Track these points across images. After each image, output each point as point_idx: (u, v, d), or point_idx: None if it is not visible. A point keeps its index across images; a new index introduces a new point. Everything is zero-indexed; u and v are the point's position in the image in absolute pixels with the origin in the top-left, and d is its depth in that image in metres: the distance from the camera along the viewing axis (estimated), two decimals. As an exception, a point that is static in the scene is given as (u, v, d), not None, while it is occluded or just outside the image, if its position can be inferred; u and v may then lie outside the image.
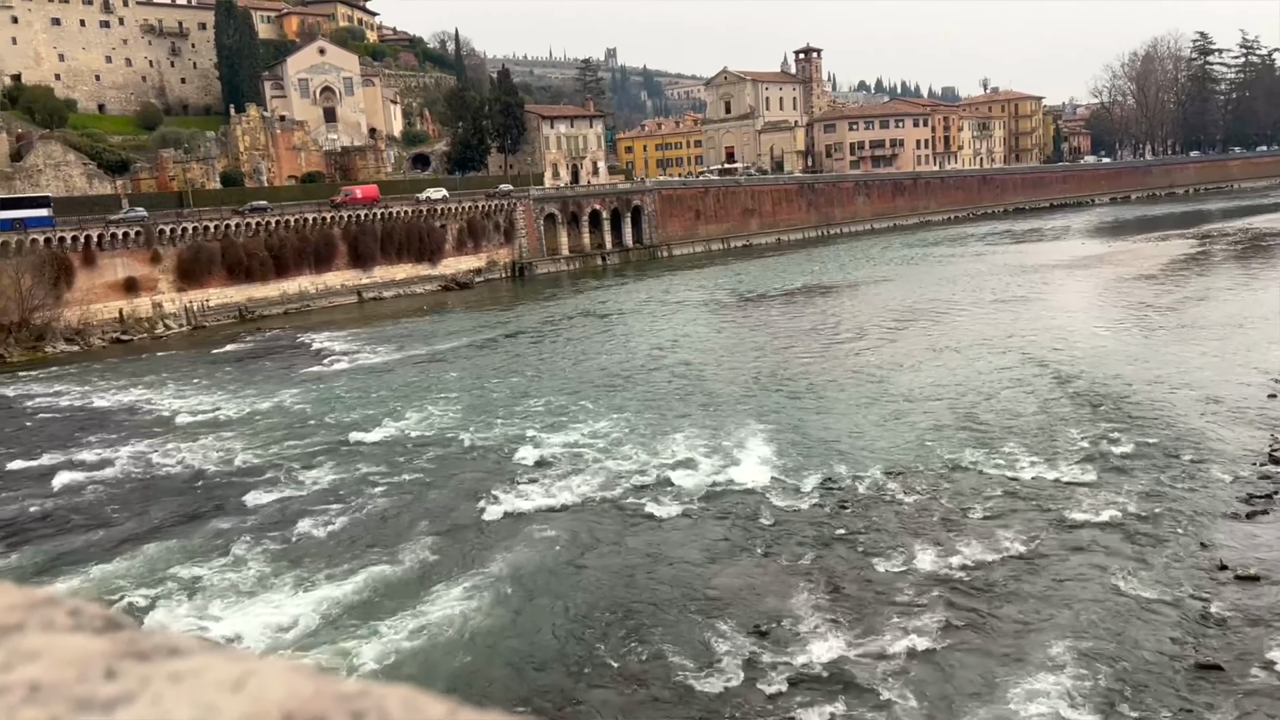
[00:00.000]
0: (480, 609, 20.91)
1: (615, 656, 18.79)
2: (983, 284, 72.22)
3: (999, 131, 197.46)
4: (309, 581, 22.85)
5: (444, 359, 53.20)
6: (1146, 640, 18.37)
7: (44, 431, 40.82)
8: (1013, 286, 69.56)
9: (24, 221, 65.90)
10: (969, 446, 30.58)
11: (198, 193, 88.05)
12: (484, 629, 20.14)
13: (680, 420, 35.96)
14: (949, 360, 44.62)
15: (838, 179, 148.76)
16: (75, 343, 65.19)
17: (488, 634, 19.97)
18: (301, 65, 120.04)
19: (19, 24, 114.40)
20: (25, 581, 23.18)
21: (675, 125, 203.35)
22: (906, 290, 71.41)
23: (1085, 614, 19.41)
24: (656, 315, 66.20)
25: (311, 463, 33.18)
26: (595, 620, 20.40)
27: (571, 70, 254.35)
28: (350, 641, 19.62)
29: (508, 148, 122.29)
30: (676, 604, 20.93)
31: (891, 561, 22.31)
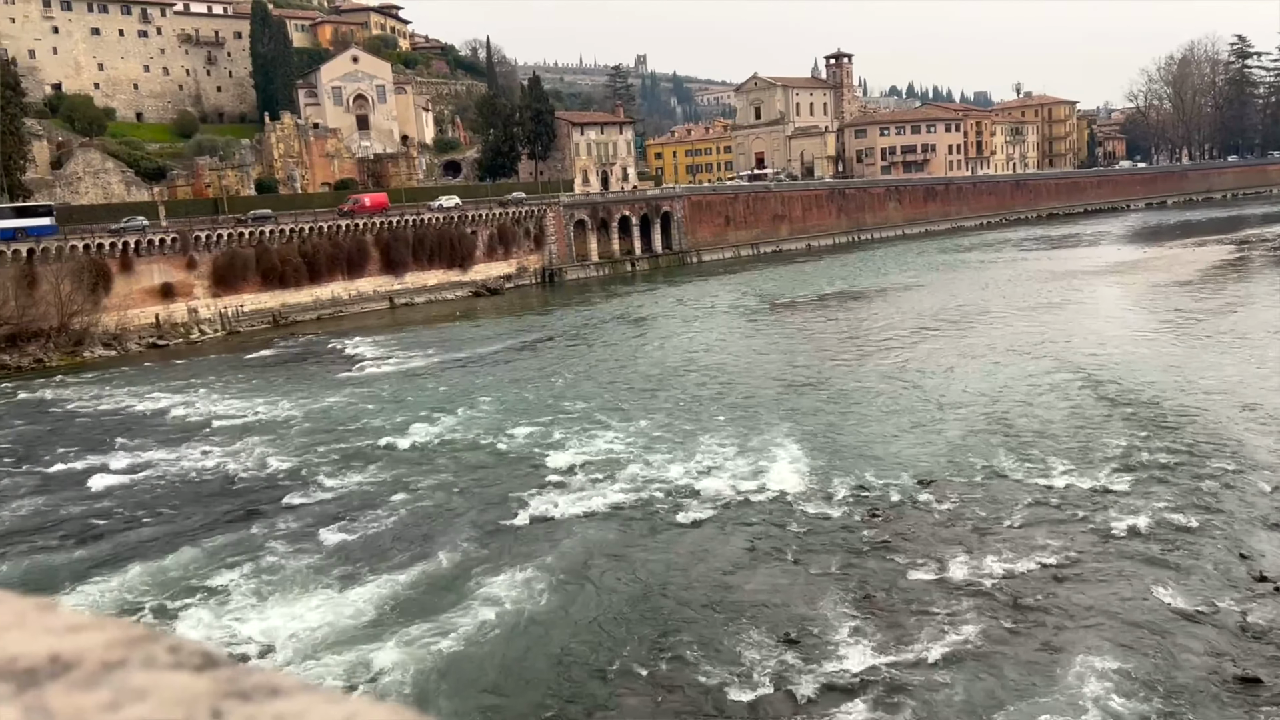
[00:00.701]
0: (510, 615, 20.95)
1: (645, 663, 18.76)
2: (1016, 290, 71.58)
3: (1032, 136, 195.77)
4: (340, 587, 23.00)
5: (474, 364, 53.46)
6: (1183, 652, 18.08)
7: (82, 435, 41.42)
8: (1046, 292, 68.88)
9: (27, 230, 65.66)
10: (1002, 454, 30.28)
11: (233, 200, 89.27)
12: (513, 635, 20.17)
13: (710, 426, 35.89)
14: (982, 366, 44.24)
15: (869, 184, 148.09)
16: (113, 348, 66.15)
17: (517, 640, 20.01)
18: (335, 73, 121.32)
19: (59, 34, 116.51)
20: (63, 585, 23.56)
21: (705, 131, 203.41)
22: (939, 296, 70.91)
23: (1120, 625, 19.14)
24: (686, 321, 66.16)
25: (344, 467, 33.43)
26: (625, 626, 20.38)
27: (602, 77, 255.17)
28: (379, 647, 19.71)
29: (538, 154, 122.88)
30: (706, 610, 20.86)
31: (923, 570, 22.12)
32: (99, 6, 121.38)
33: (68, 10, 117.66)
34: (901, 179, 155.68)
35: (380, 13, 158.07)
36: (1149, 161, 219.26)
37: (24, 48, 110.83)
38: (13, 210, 67.99)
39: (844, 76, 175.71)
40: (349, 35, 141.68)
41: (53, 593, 23.38)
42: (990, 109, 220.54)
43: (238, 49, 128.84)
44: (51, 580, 24.31)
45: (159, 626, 20.62)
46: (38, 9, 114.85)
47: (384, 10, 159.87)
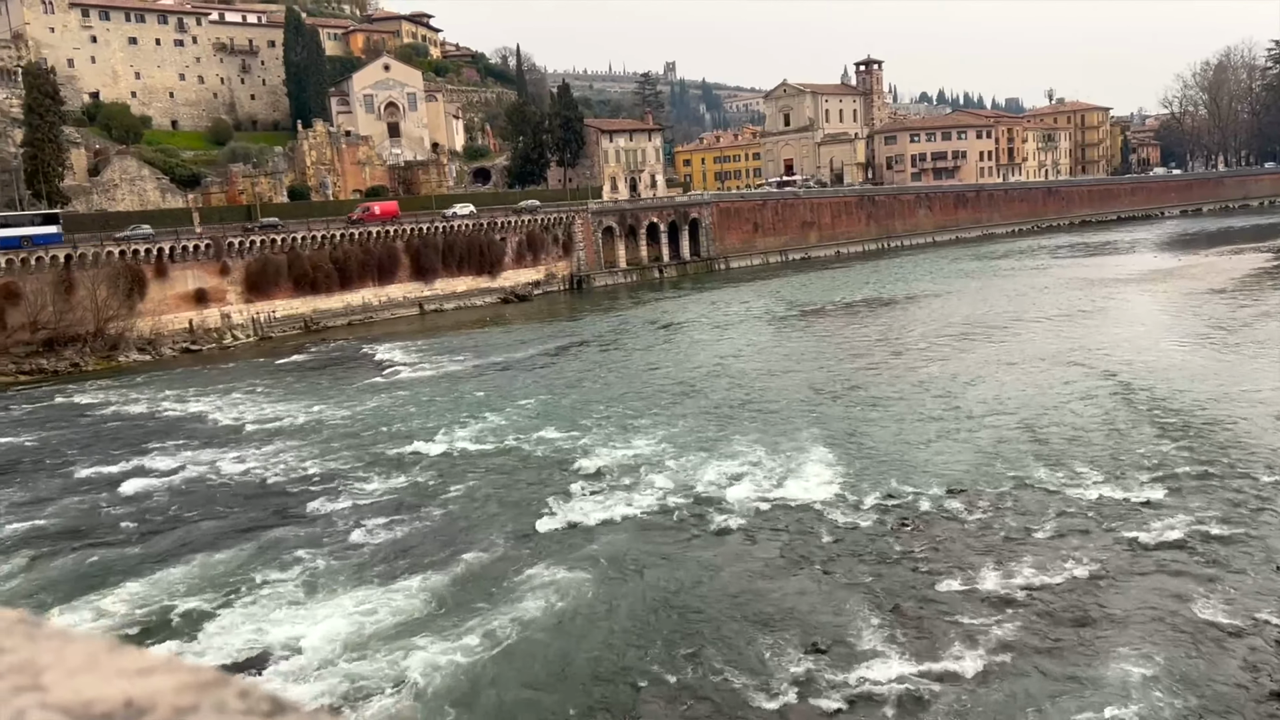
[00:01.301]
0: (538, 621, 20.99)
1: (672, 670, 18.73)
2: (1048, 298, 70.91)
3: (1064, 143, 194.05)
4: (369, 590, 23.14)
5: (503, 370, 53.67)
6: (1218, 665, 17.81)
7: (116, 438, 41.98)
8: (1079, 301, 68.18)
9: (32, 239, 65.04)
10: (1033, 464, 29.99)
11: (266, 206, 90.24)
12: (542, 640, 20.21)
13: (738, 433, 35.80)
14: (1013, 375, 43.85)
15: (898, 191, 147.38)
16: (147, 352, 67.02)
17: (546, 645, 20.04)
18: (367, 81, 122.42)
19: (98, 43, 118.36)
20: (99, 587, 23.87)
21: (733, 138, 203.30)
22: (969, 304, 70.40)
23: (1153, 638, 18.89)
24: (714, 327, 66.09)
25: (375, 472, 33.66)
26: (652, 633, 20.36)
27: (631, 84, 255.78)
28: (409, 652, 19.80)
29: (567, 161, 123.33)
30: (733, 618, 20.80)
31: (953, 580, 21.94)
32: (136, 16, 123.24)
33: (106, 20, 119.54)
34: (932, 186, 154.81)
35: (412, 21, 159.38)
36: (1184, 168, 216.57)
37: (63, 57, 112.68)
38: (17, 219, 67.57)
39: (874, 83, 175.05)
40: (381, 44, 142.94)
41: (89, 594, 23.72)
42: (1022, 115, 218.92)
43: (271, 57, 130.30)
44: (88, 582, 24.64)
45: (228, 672, 20.88)
46: (76, 19, 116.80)
47: (415, 19, 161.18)
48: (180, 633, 21.33)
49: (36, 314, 63.22)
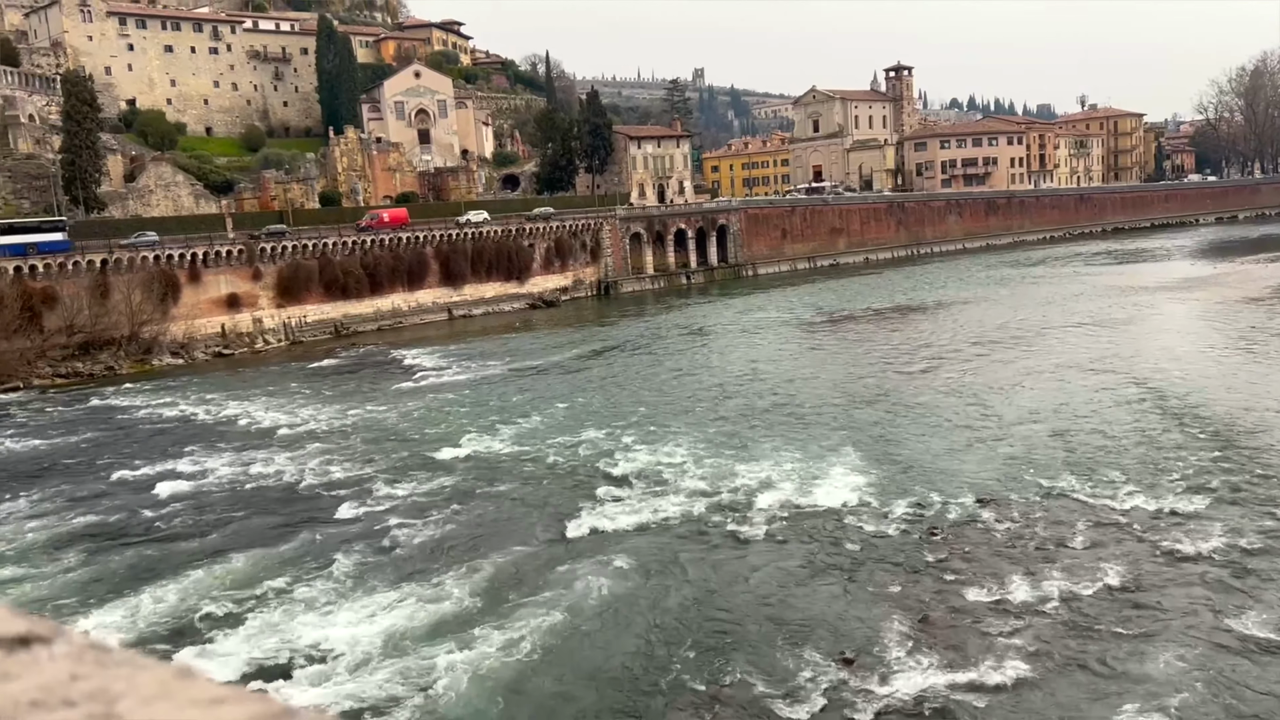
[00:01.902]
0: (561, 627, 21.02)
1: (698, 678, 18.69)
2: (1080, 306, 70.20)
3: (1097, 149, 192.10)
4: (397, 594, 23.27)
5: (530, 376, 53.84)
6: (1253, 681, 17.53)
7: (149, 441, 42.50)
8: (1112, 309, 67.45)
9: (38, 246, 64.53)
10: (1065, 473, 29.68)
11: (297, 212, 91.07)
12: (566, 646, 20.24)
13: (765, 440, 35.70)
14: (1044, 384, 43.43)
15: (928, 197, 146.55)
16: (180, 356, 67.83)
17: (570, 651, 20.06)
18: (398, 88, 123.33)
19: (134, 51, 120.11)
20: (134, 587, 24.14)
21: (762, 144, 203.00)
22: (1000, 311, 69.83)
23: (1188, 652, 18.63)
24: (742, 334, 65.97)
25: (402, 476, 33.87)
26: (678, 641, 20.33)
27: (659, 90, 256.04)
28: (436, 655, 19.89)
29: (595, 168, 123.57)
30: (760, 627, 20.73)
31: (983, 591, 21.74)
32: (172, 24, 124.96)
33: (143, 29, 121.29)
34: (962, 192, 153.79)
35: (442, 29, 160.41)
36: (1219, 175, 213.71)
37: (101, 65, 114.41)
38: (23, 226, 67.05)
39: (904, 89, 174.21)
40: (412, 51, 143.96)
41: (124, 594, 24.01)
42: (1054, 121, 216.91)
43: (304, 65, 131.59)
44: (123, 582, 24.95)
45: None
46: (114, 27, 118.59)
47: (446, 26, 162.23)
48: (214, 634, 21.54)
49: (73, 318, 64.20)
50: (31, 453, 41.46)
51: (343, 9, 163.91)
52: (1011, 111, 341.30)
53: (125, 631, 21.92)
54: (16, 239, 64.51)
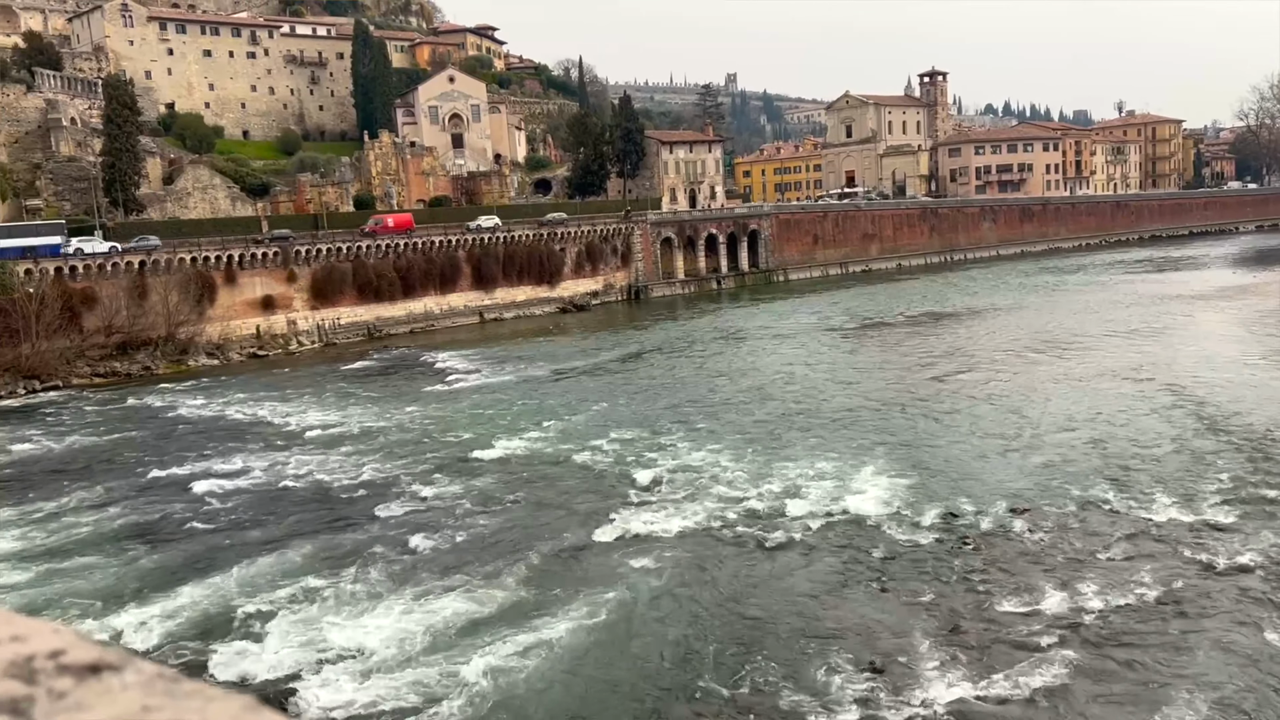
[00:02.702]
0: (591, 630, 21.03)
1: (726, 685, 18.63)
2: (1117, 314, 69.36)
3: (1134, 156, 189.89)
4: (427, 595, 23.39)
5: (560, 379, 53.97)
6: (1295, 698, 17.20)
7: (185, 441, 43.03)
8: (1149, 317, 66.57)
9: (35, 250, 63.86)
10: (1100, 483, 29.31)
11: (332, 215, 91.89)
12: (594, 651, 20.24)
13: (795, 446, 35.55)
14: (1079, 392, 42.92)
15: (962, 203, 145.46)
16: (215, 357, 68.63)
17: (598, 656, 20.07)
18: (432, 93, 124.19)
19: (174, 56, 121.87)
20: (168, 585, 24.42)
21: (794, 149, 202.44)
22: (1035, 319, 69.15)
23: (1224, 666, 18.33)
24: (773, 339, 65.75)
25: (432, 478, 34.05)
26: (706, 647, 20.28)
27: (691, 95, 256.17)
28: (464, 658, 19.96)
29: (627, 172, 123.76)
30: (789, 634, 20.63)
31: (1015, 602, 21.51)
32: (211, 29, 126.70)
33: (182, 33, 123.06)
34: (997, 199, 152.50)
35: (477, 34, 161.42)
36: (1260, 182, 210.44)
37: (141, 69, 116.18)
38: (22, 229, 66.33)
39: (938, 94, 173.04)
40: (446, 56, 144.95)
41: (159, 592, 24.30)
42: (1090, 128, 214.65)
43: (339, 69, 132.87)
44: (158, 580, 25.27)
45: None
46: (155, 32, 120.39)
47: (480, 31, 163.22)
48: (247, 633, 21.76)
49: (111, 318, 65.14)
50: (71, 451, 42.12)
51: (378, 14, 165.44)
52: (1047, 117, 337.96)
53: (163, 628, 22.18)
54: (15, 242, 64.34)
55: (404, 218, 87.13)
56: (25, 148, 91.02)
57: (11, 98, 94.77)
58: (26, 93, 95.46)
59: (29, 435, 45.26)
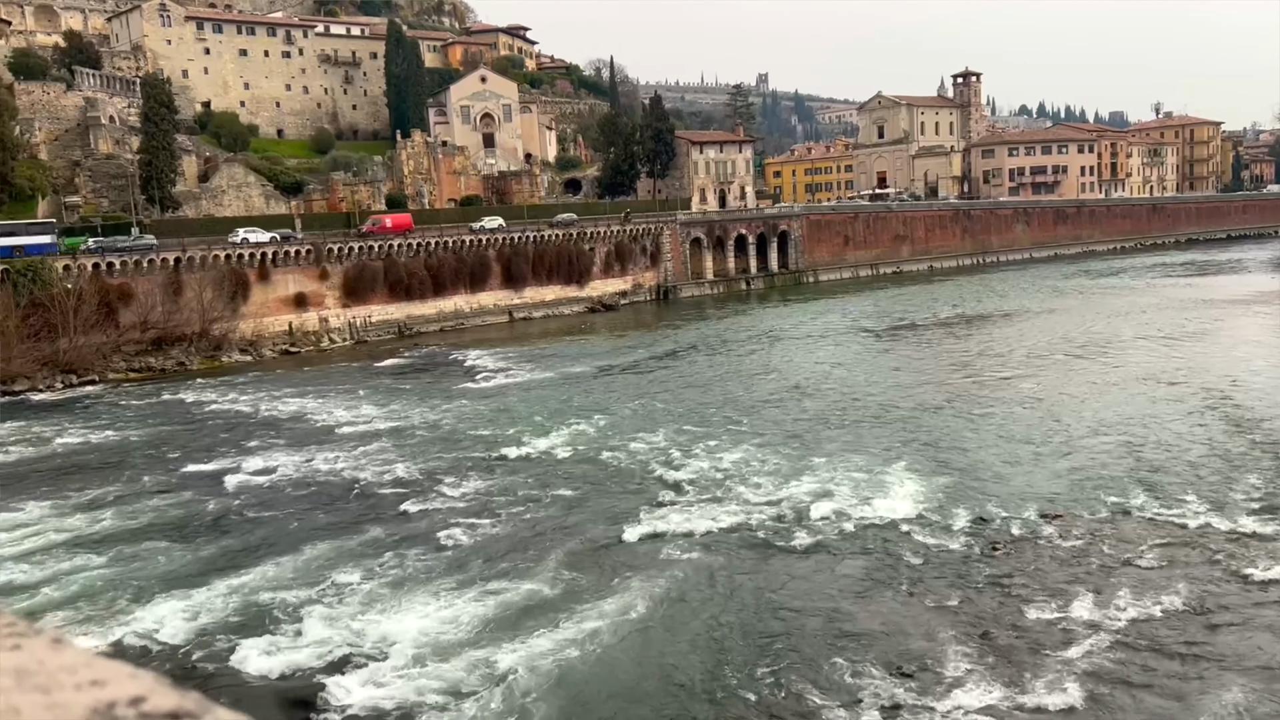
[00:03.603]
0: (619, 629, 21.07)
1: (752, 688, 18.60)
2: (1152, 318, 68.51)
3: (1171, 158, 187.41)
4: (457, 592, 23.53)
5: (589, 379, 54.08)
6: (1332, 711, 16.93)
7: (218, 436, 43.55)
8: (1185, 322, 65.69)
9: (25, 249, 62.35)
10: (1133, 490, 28.98)
11: (364, 215, 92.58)
12: (620, 651, 20.28)
13: (823, 449, 35.42)
14: (1113, 397, 42.44)
15: (995, 205, 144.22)
16: (248, 353, 69.37)
17: (626, 654, 20.11)
18: (464, 93, 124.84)
19: (210, 55, 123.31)
20: (200, 578, 24.70)
21: (825, 150, 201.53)
22: (1068, 322, 68.44)
23: (1260, 676, 18.06)
24: (801, 341, 65.53)
25: (463, 475, 34.25)
26: (732, 649, 20.26)
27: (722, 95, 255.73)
28: (490, 656, 20.06)
29: (656, 173, 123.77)
30: (816, 638, 20.56)
31: (1046, 609, 21.32)
32: (247, 29, 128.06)
33: (219, 33, 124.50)
34: (1030, 200, 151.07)
35: (509, 34, 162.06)
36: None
37: (178, 68, 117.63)
38: (12, 227, 64.57)
39: (972, 95, 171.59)
40: (478, 56, 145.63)
41: (191, 585, 24.60)
42: (1126, 129, 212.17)
43: (373, 69, 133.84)
44: (190, 573, 25.60)
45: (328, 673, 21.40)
46: (192, 32, 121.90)
47: (512, 32, 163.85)
48: (280, 626, 21.99)
49: (147, 314, 66.03)
50: (107, 444, 42.75)
51: (412, 14, 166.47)
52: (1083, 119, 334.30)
53: (197, 620, 22.46)
54: (3, 241, 62.70)
55: (403, 218, 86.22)
56: (65, 145, 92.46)
57: (52, 96, 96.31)
58: (66, 91, 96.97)
59: (67, 428, 45.98)
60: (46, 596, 24.21)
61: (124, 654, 20.97)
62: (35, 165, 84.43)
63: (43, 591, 24.55)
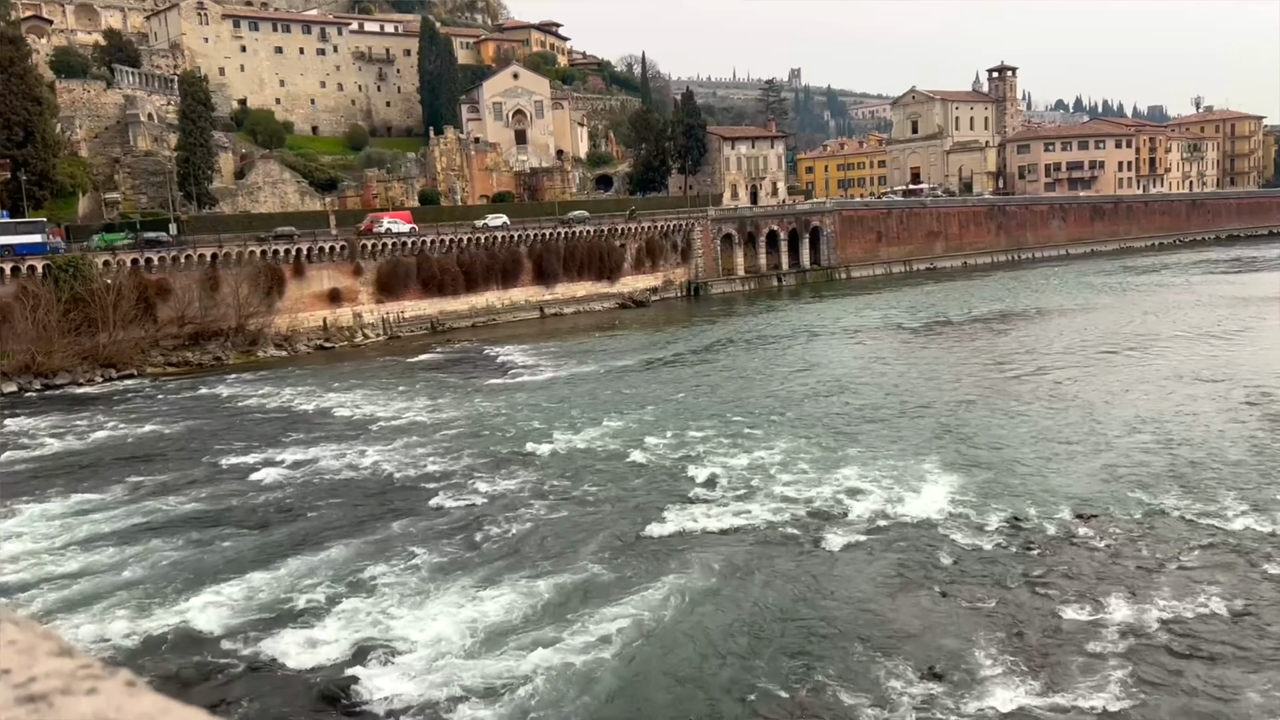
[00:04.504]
0: (648, 626, 21.06)
1: (782, 684, 18.53)
2: (1191, 316, 67.46)
3: (1212, 153, 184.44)
4: (485, 587, 23.62)
5: (619, 375, 54.12)
6: (1376, 718, 16.59)
7: (254, 430, 44.04)
8: (1226, 320, 64.59)
9: (14, 248, 61.13)
10: (1171, 490, 28.54)
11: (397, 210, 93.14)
12: (650, 647, 20.27)
13: (855, 446, 35.20)
14: (1151, 396, 41.83)
15: (1030, 201, 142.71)
16: (283, 348, 70.10)
17: (654, 652, 20.09)
18: (496, 89, 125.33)
19: (247, 53, 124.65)
20: (234, 570, 24.99)
21: (858, 145, 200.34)
22: (1106, 320, 67.56)
23: (1303, 683, 17.72)
24: (833, 338, 65.19)
25: (492, 471, 34.39)
26: (762, 646, 20.19)
27: (754, 91, 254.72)
28: (518, 652, 20.11)
29: (688, 168, 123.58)
30: (848, 636, 20.44)
31: (1081, 610, 21.05)
32: (283, 27, 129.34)
33: (255, 31, 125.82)
34: (1066, 196, 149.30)
35: (541, 30, 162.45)
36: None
37: (215, 66, 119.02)
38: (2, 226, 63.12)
39: (1007, 90, 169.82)
40: (511, 52, 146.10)
41: (222, 577, 24.89)
42: (1165, 124, 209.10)
43: (406, 66, 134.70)
44: (222, 565, 25.90)
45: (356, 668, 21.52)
46: (229, 30, 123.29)
47: (545, 28, 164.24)
48: (310, 619, 22.20)
49: (184, 309, 66.96)
50: (145, 437, 43.38)
51: (445, 11, 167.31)
52: (1120, 113, 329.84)
53: (229, 612, 22.73)
54: None
55: (403, 215, 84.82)
56: (105, 142, 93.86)
57: (93, 94, 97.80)
58: (106, 89, 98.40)
59: (105, 422, 46.70)
60: (85, 586, 24.60)
61: (161, 643, 21.29)
62: (76, 162, 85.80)
63: (81, 581, 24.94)
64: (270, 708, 18.68)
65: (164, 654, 20.94)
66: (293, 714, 18.47)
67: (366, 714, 18.31)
